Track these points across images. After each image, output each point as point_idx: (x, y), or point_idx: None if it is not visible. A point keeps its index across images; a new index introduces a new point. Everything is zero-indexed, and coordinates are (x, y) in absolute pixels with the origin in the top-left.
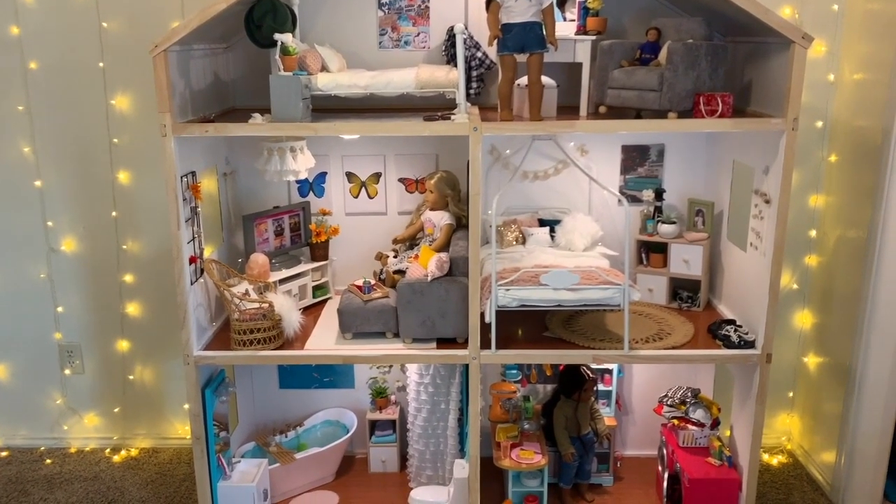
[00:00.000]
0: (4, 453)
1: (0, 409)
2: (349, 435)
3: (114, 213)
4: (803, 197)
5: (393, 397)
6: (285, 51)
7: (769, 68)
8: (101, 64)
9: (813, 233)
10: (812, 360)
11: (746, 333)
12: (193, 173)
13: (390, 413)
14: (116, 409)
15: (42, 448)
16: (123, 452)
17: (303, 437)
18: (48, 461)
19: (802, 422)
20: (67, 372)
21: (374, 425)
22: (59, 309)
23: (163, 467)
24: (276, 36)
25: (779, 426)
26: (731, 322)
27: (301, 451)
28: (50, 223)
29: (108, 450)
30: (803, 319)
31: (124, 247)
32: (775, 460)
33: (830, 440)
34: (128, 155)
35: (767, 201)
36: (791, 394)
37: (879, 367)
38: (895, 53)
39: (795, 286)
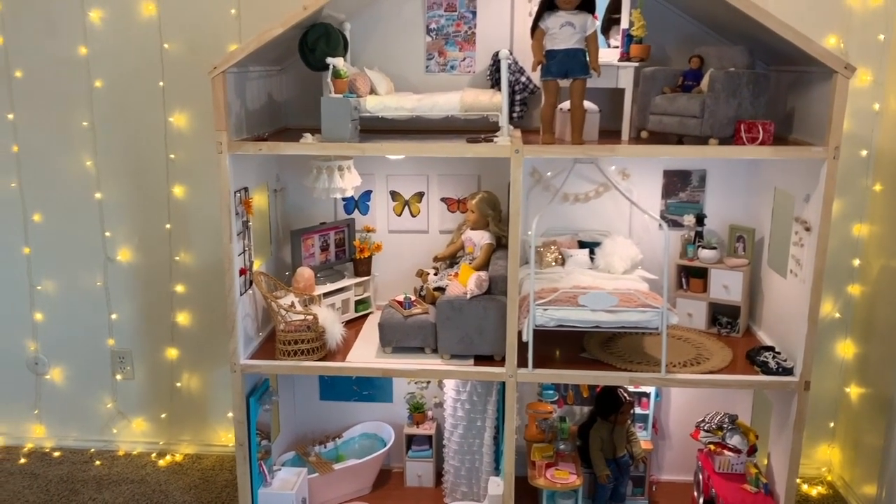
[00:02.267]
0: (57, 453)
1: (54, 410)
2: (386, 448)
3: (168, 226)
4: (847, 225)
5: (430, 413)
6: (336, 74)
7: (811, 97)
8: (161, 83)
9: (856, 262)
10: (854, 391)
11: (785, 360)
12: (246, 189)
13: (427, 428)
14: (163, 415)
15: (92, 450)
16: (168, 457)
17: (341, 449)
18: (97, 462)
19: (843, 453)
20: (118, 377)
21: (410, 440)
22: (113, 316)
23: (206, 473)
24: (329, 59)
25: (819, 457)
26: (770, 349)
27: (339, 462)
28: (108, 234)
29: (154, 454)
30: (845, 349)
31: (176, 258)
32: (815, 491)
33: (872, 472)
34: (183, 170)
35: (808, 229)
36: (832, 424)
37: None
38: None
39: (838, 315)
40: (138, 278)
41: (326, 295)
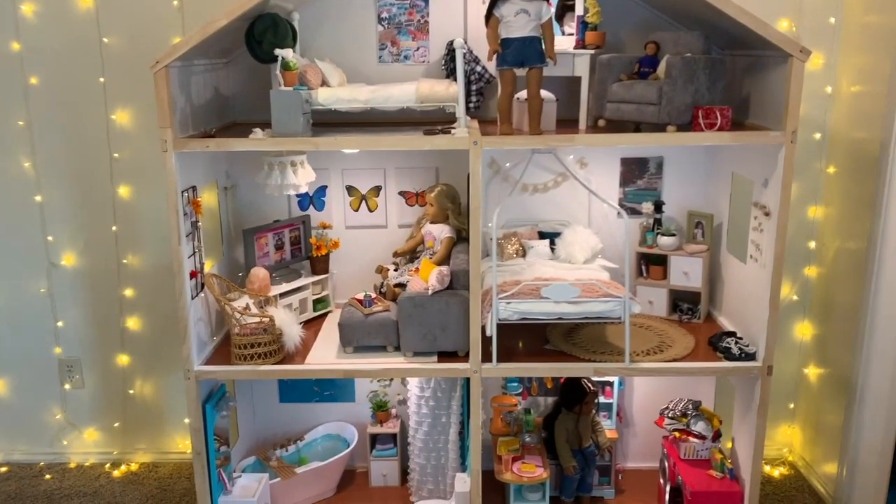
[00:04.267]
0: (4, 469)
1: (0, 423)
2: (350, 449)
3: (114, 228)
4: (802, 208)
5: (394, 411)
6: (286, 66)
7: (767, 81)
8: (101, 79)
9: (812, 244)
10: (813, 372)
11: (747, 345)
12: (194, 188)
13: (391, 427)
14: (116, 424)
15: (42, 463)
16: (123, 467)
17: (303, 452)
18: (48, 476)
19: (804, 433)
20: (67, 387)
21: (374, 439)
22: (59, 324)
23: (163, 482)
24: (277, 51)
25: (780, 438)
26: (732, 334)
27: (302, 465)
28: (50, 238)
29: (107, 465)
30: (803, 331)
31: (124, 261)
32: (777, 472)
33: (832, 451)
34: (128, 169)
35: (767, 213)
36: (792, 405)
37: (880, 377)
38: (892, 65)
39: (795, 297)
40: (84, 283)
41: (283, 295)
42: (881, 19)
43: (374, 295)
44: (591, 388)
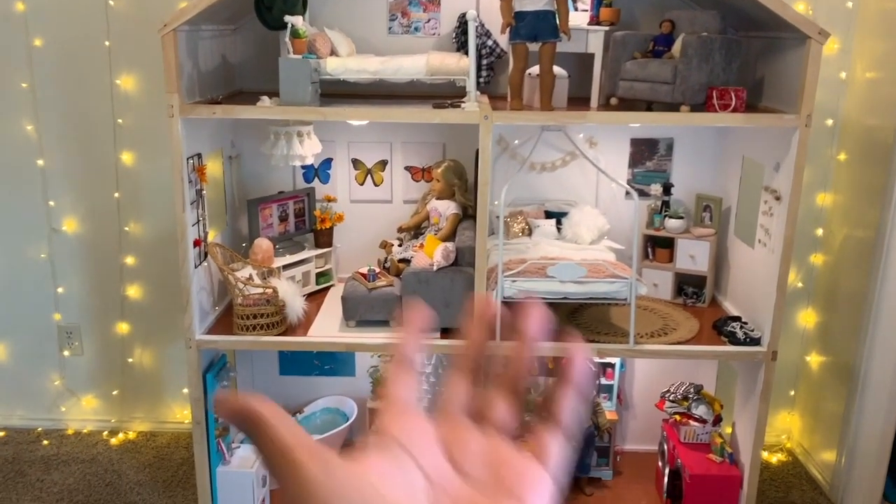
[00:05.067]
0: (1, 434)
1: None
2: (349, 423)
3: (116, 195)
4: (811, 195)
5: None
6: (295, 33)
7: (783, 64)
8: (106, 42)
9: (819, 231)
10: (814, 359)
11: (752, 330)
12: (199, 155)
13: None
14: (115, 392)
15: (39, 429)
16: (121, 435)
17: (302, 424)
18: (45, 442)
19: (803, 420)
20: (66, 353)
21: (374, 414)
22: (59, 290)
23: (160, 451)
24: (287, 18)
25: (779, 424)
26: (737, 319)
27: None
28: (51, 203)
29: (105, 432)
30: (807, 318)
31: (126, 228)
32: (775, 458)
33: (831, 439)
34: (132, 136)
35: (778, 198)
36: (792, 392)
37: (883, 367)
38: None
39: (800, 284)
40: (86, 250)
41: (286, 267)
42: None
43: (378, 270)
44: (592, 368)
